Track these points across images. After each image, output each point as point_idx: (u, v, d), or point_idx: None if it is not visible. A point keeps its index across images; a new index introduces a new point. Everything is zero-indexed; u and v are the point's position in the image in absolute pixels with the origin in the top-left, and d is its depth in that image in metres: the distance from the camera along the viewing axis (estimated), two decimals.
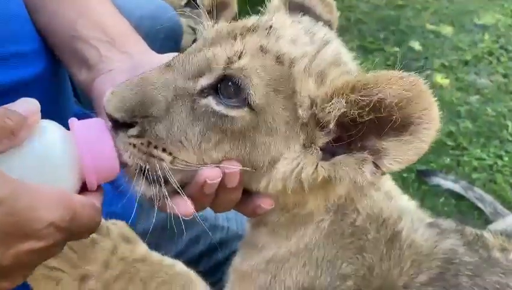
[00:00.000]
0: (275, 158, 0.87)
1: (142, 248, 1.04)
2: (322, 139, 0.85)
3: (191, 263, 1.42)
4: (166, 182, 0.84)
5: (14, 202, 0.64)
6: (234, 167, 0.85)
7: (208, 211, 1.51)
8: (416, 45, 3.91)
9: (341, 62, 0.90)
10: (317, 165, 0.85)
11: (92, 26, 1.08)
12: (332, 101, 0.80)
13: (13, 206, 0.64)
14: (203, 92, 0.84)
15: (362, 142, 0.82)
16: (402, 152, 0.79)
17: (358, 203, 1.01)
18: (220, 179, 0.85)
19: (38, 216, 0.66)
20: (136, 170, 0.84)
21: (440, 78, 3.58)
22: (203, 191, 0.86)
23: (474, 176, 2.83)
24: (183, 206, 0.86)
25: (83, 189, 0.80)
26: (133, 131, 0.82)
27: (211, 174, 0.84)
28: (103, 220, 1.01)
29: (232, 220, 1.56)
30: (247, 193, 0.93)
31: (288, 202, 0.95)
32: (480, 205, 2.58)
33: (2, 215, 0.63)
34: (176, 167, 0.84)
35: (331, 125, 0.82)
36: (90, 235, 0.94)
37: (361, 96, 0.77)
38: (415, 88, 0.74)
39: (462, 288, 0.99)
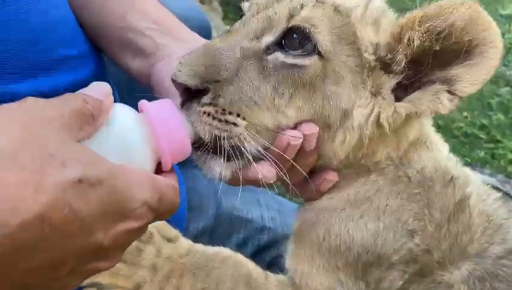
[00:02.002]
0: (347, 109, 0.87)
1: (184, 243, 1.03)
2: (390, 83, 0.87)
3: None
4: (242, 152, 0.85)
5: (113, 181, 0.63)
6: (313, 128, 0.87)
7: (254, 213, 1.52)
8: None
9: (388, 12, 0.94)
10: (395, 107, 0.87)
11: (142, 16, 1.09)
12: (406, 37, 0.83)
13: (113, 184, 0.63)
14: (269, 49, 0.86)
15: (428, 77, 0.86)
16: (474, 74, 0.82)
17: (424, 152, 0.99)
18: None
19: (135, 196, 0.66)
20: (211, 143, 0.84)
21: None
22: (286, 153, 0.86)
23: (511, 168, 2.77)
24: (266, 170, 0.87)
25: (157, 170, 0.80)
26: (207, 98, 0.82)
27: (293, 135, 0.85)
28: None
29: (276, 220, 1.54)
30: (311, 173, 0.95)
31: (357, 155, 0.94)
32: None
33: (104, 194, 0.62)
34: (250, 133, 0.84)
35: (403, 64, 0.85)
36: (135, 244, 0.96)
37: (431, 25, 0.80)
38: (475, 11, 0.78)
39: None
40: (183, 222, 1.33)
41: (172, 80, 0.83)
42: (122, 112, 0.76)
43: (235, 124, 0.83)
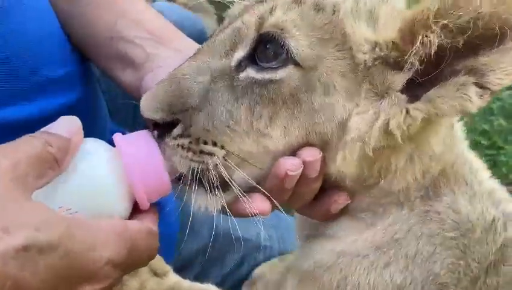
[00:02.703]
0: (343, 120, 0.76)
1: (171, 278, 0.98)
2: (398, 81, 0.75)
3: (236, 285, 1.38)
4: (226, 185, 0.77)
5: (69, 242, 0.59)
6: (315, 153, 0.77)
7: (250, 232, 1.49)
8: None
9: (386, 3, 0.80)
10: (407, 110, 0.73)
11: (133, 25, 1.04)
12: (419, 38, 0.70)
13: (69, 247, 0.59)
14: (240, 66, 0.77)
15: (452, 68, 0.72)
16: (510, 62, 0.69)
17: (456, 184, 0.83)
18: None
19: (96, 256, 0.62)
20: (191, 176, 0.76)
21: None
22: (283, 185, 0.78)
23: None
24: (260, 202, 0.78)
25: (135, 209, 0.75)
26: (178, 130, 0.76)
27: (292, 165, 0.76)
28: None
29: (273, 238, 1.51)
30: (319, 192, 0.85)
31: (372, 173, 0.81)
32: None
33: (57, 260, 0.58)
34: (230, 163, 0.76)
35: (416, 66, 0.72)
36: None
37: (451, 21, 0.68)
38: None
39: None
40: (174, 245, 1.30)
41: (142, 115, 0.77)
42: (93, 148, 0.72)
43: (211, 154, 0.76)
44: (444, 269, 0.80)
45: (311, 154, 0.77)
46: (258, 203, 0.78)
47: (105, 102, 1.33)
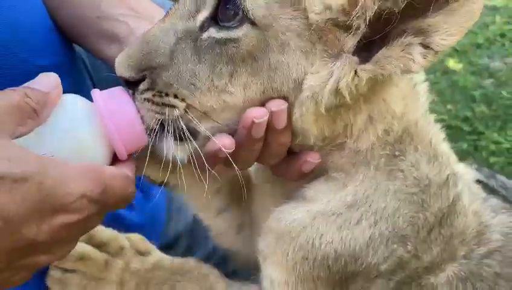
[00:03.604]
0: (299, 78, 0.79)
1: (154, 256, 1.03)
2: (350, 42, 0.77)
3: (220, 263, 1.44)
4: (196, 134, 0.82)
5: (41, 178, 0.63)
6: (280, 103, 0.80)
7: None
8: None
9: None
10: (355, 71, 0.76)
11: (117, 3, 1.09)
12: (361, 0, 0.72)
13: (41, 181, 0.63)
14: (204, 27, 0.80)
15: (397, 29, 0.74)
16: (453, 23, 0.71)
17: (419, 143, 0.89)
18: (267, 119, 0.80)
19: (68, 190, 0.66)
20: (156, 127, 0.81)
21: (453, 63, 3.56)
22: (251, 134, 0.81)
23: (492, 160, 2.83)
24: (224, 138, 0.81)
25: (116, 159, 0.80)
26: (144, 85, 0.81)
27: (257, 112, 0.80)
28: (119, 235, 1.02)
29: None
30: (291, 154, 0.89)
31: (335, 132, 0.85)
32: (503, 192, 2.57)
33: (31, 191, 0.62)
34: (191, 115, 0.80)
35: (363, 28, 0.74)
36: (103, 257, 0.96)
37: None
38: None
39: None
40: (161, 226, 1.36)
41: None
42: (71, 102, 0.76)
43: (173, 106, 0.80)
44: (406, 222, 0.86)
45: (277, 104, 0.80)
46: (223, 139, 0.81)
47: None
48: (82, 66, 1.24)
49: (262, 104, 0.81)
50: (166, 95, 0.80)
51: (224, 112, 0.82)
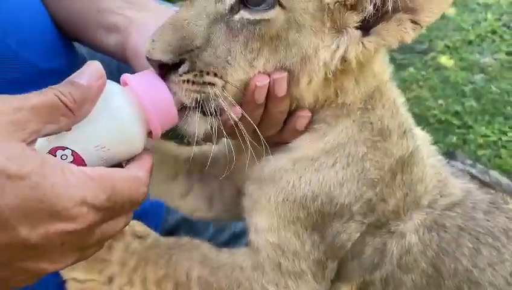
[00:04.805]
0: (308, 53, 0.91)
1: (151, 238, 1.09)
2: (355, 19, 0.92)
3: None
4: (222, 111, 0.91)
5: (40, 178, 0.61)
6: (281, 72, 0.92)
7: None
8: None
9: None
10: (363, 43, 0.92)
11: None
12: None
13: (37, 181, 0.61)
14: (233, 9, 0.88)
15: (392, 5, 0.90)
16: (434, 4, 0.88)
17: (387, 100, 1.03)
18: (268, 85, 0.91)
19: (67, 195, 0.62)
20: (192, 105, 0.88)
21: (445, 60, 3.68)
22: (254, 97, 0.91)
23: (480, 152, 2.95)
24: (236, 108, 0.91)
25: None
26: (184, 67, 0.87)
27: (259, 77, 0.91)
28: None
29: None
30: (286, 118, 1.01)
31: (327, 95, 0.98)
32: (498, 188, 2.67)
33: (24, 190, 0.60)
34: (226, 92, 0.89)
35: (371, 9, 0.90)
36: (107, 242, 0.95)
37: None
38: None
39: (478, 221, 1.06)
40: (161, 215, 1.44)
41: (147, 58, 0.85)
42: (111, 91, 0.78)
43: (212, 84, 0.88)
44: (373, 166, 1.00)
45: (278, 73, 0.92)
46: (236, 108, 0.92)
47: None
48: None
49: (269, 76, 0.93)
50: (207, 74, 0.88)
51: (244, 84, 0.93)
